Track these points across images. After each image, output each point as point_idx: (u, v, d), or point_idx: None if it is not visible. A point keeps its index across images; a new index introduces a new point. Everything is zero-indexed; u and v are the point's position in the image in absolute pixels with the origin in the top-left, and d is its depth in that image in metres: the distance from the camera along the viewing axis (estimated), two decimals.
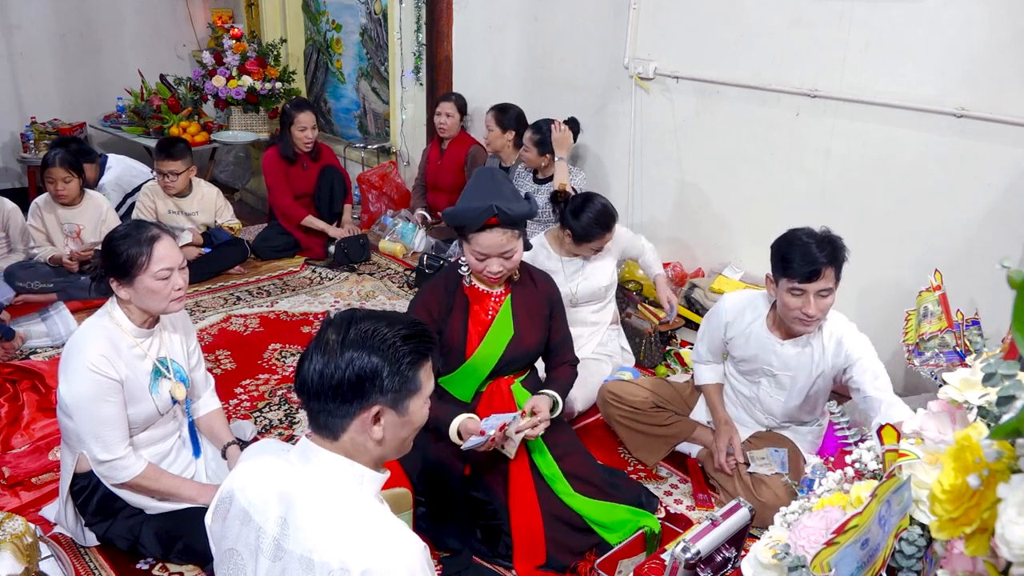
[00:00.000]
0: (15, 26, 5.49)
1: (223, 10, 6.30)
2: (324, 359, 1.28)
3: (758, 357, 2.49)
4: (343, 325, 1.31)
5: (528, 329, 2.30)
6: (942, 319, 2.55)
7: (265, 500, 1.29)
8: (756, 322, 2.48)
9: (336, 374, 1.26)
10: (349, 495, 1.28)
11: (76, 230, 3.89)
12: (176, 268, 2.07)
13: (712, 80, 3.53)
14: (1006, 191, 2.71)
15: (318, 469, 1.29)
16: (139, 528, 2.16)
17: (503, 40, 4.55)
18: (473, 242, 2.15)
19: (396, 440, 1.34)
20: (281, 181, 4.51)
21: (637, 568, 2.04)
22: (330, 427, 1.29)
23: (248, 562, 1.30)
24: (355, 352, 1.27)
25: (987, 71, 2.68)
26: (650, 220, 4.01)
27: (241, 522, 1.31)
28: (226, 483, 1.37)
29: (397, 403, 1.30)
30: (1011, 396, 0.87)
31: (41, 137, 5.34)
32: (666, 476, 2.74)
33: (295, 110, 4.42)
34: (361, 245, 4.60)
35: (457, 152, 4.64)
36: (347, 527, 1.23)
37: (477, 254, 2.17)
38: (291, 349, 3.54)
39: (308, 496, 1.27)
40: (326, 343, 1.29)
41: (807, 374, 2.42)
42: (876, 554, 0.99)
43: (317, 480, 1.28)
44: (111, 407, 2.02)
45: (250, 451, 1.44)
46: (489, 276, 2.20)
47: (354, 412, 1.27)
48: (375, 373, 1.27)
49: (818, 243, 2.24)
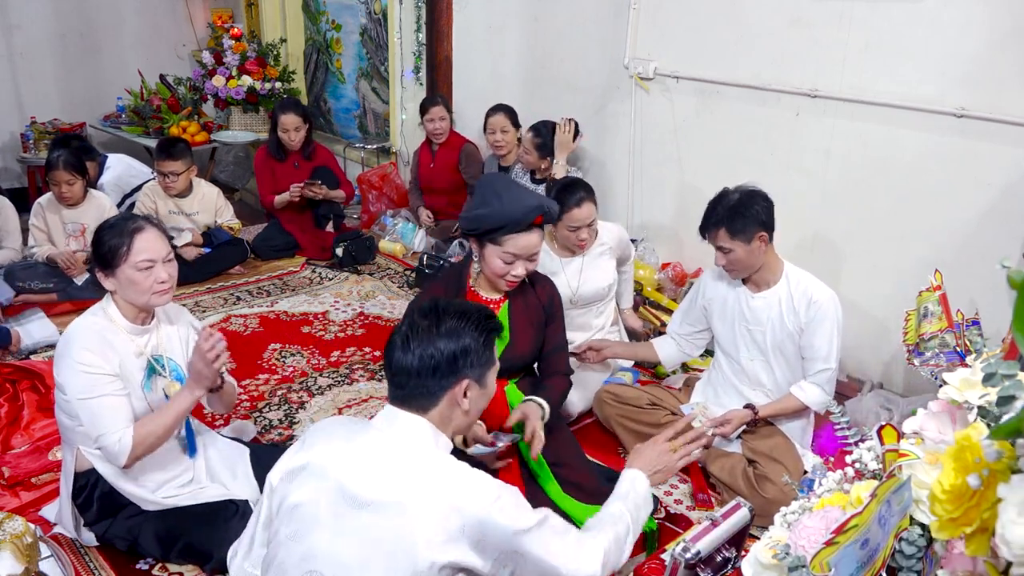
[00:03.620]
0: (15, 26, 5.49)
1: (223, 10, 6.29)
2: (423, 342, 1.46)
3: (732, 309, 2.63)
4: (432, 313, 1.51)
5: (523, 337, 2.28)
6: (942, 319, 2.55)
7: (346, 456, 1.42)
8: (726, 276, 2.64)
9: (435, 354, 1.45)
10: (431, 452, 1.44)
11: (80, 229, 3.90)
12: (160, 260, 2.07)
13: (712, 80, 3.53)
14: (1006, 191, 2.71)
15: (402, 430, 1.45)
16: (138, 529, 2.15)
17: (503, 40, 4.55)
18: (507, 243, 2.08)
19: (476, 410, 1.55)
20: (266, 176, 4.52)
21: (637, 568, 2.04)
22: (422, 402, 1.46)
23: (323, 514, 1.38)
24: (450, 335, 1.47)
25: (987, 71, 2.68)
26: (650, 220, 4.01)
27: (318, 478, 1.41)
28: (296, 456, 1.47)
29: (482, 377, 1.51)
30: (1011, 396, 0.87)
31: (41, 137, 5.34)
32: None
33: (280, 112, 4.42)
34: (367, 247, 4.60)
35: (449, 153, 4.64)
36: (436, 474, 1.38)
37: (507, 256, 2.10)
38: (291, 349, 3.54)
39: (393, 452, 1.42)
40: (420, 328, 1.48)
41: (780, 324, 2.53)
42: (876, 554, 0.99)
43: (401, 440, 1.44)
44: (107, 398, 1.99)
45: (319, 427, 1.54)
46: (510, 280, 2.15)
47: (448, 386, 1.46)
48: (467, 351, 1.47)
49: (714, 202, 2.51)
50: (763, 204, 2.46)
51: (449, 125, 4.62)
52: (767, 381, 2.62)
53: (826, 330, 2.46)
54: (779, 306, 2.52)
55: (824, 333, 2.46)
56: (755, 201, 2.45)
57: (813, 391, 2.52)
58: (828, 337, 2.46)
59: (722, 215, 2.45)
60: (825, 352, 2.47)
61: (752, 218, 2.42)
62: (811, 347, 2.49)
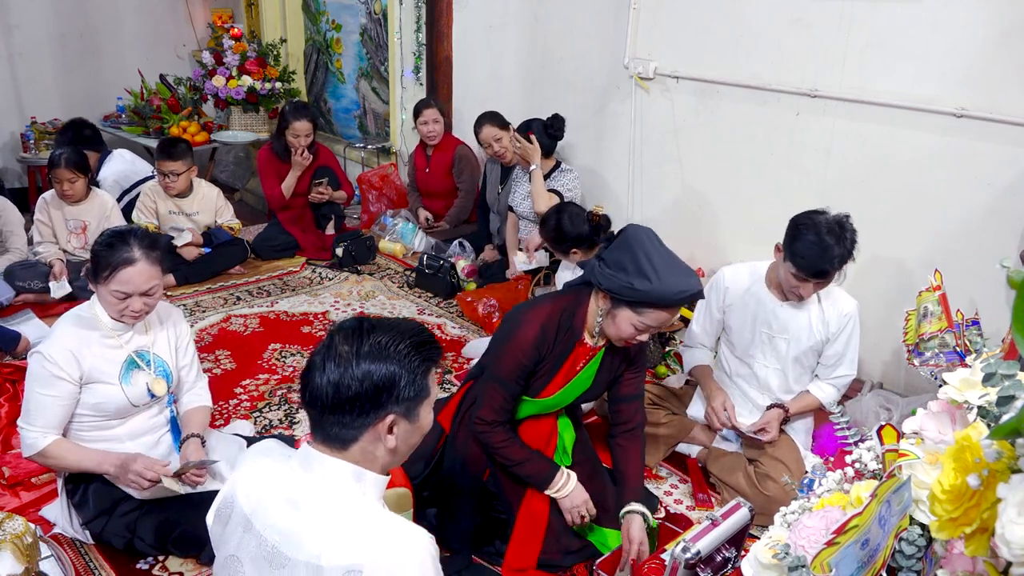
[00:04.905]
0: (15, 26, 5.48)
1: (223, 10, 6.29)
2: (339, 371, 1.24)
3: (757, 319, 2.53)
4: (354, 335, 1.28)
5: (602, 382, 2.23)
6: (942, 319, 2.55)
7: (266, 506, 1.29)
8: (756, 284, 2.54)
9: (352, 385, 1.24)
10: (353, 499, 1.27)
11: (81, 226, 3.90)
12: (136, 294, 2.07)
13: (712, 80, 3.53)
14: (1006, 191, 2.71)
15: (321, 476, 1.28)
16: (135, 524, 2.18)
17: (503, 40, 4.55)
18: (648, 316, 1.96)
19: (406, 447, 1.34)
20: (271, 174, 4.52)
21: (637, 568, 2.04)
22: (341, 438, 1.27)
23: (249, 570, 1.29)
24: (371, 362, 1.25)
25: (987, 71, 2.68)
26: (650, 220, 4.00)
27: (243, 528, 1.31)
28: (228, 484, 1.37)
29: (410, 411, 1.30)
30: (1011, 396, 0.87)
31: (41, 137, 5.34)
32: (666, 476, 2.74)
33: (292, 117, 4.39)
34: (367, 247, 4.61)
35: (444, 157, 4.64)
36: (354, 529, 1.23)
37: (642, 325, 1.98)
38: (291, 349, 3.54)
39: (311, 502, 1.26)
40: (339, 354, 1.26)
41: (807, 335, 2.49)
42: (876, 554, 0.99)
43: (320, 486, 1.27)
44: (47, 399, 2.07)
45: (254, 451, 1.45)
46: (630, 342, 2.05)
47: (369, 423, 1.26)
48: (392, 383, 1.26)
49: (835, 241, 2.25)
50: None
51: (443, 128, 4.61)
52: (777, 387, 2.61)
53: (853, 340, 2.50)
54: (809, 316, 2.49)
55: (852, 343, 2.50)
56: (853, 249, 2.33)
57: (830, 391, 2.56)
58: (854, 346, 2.51)
59: (841, 257, 2.28)
60: (849, 359, 2.52)
61: (853, 258, 2.34)
62: (836, 355, 2.52)
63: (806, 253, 2.27)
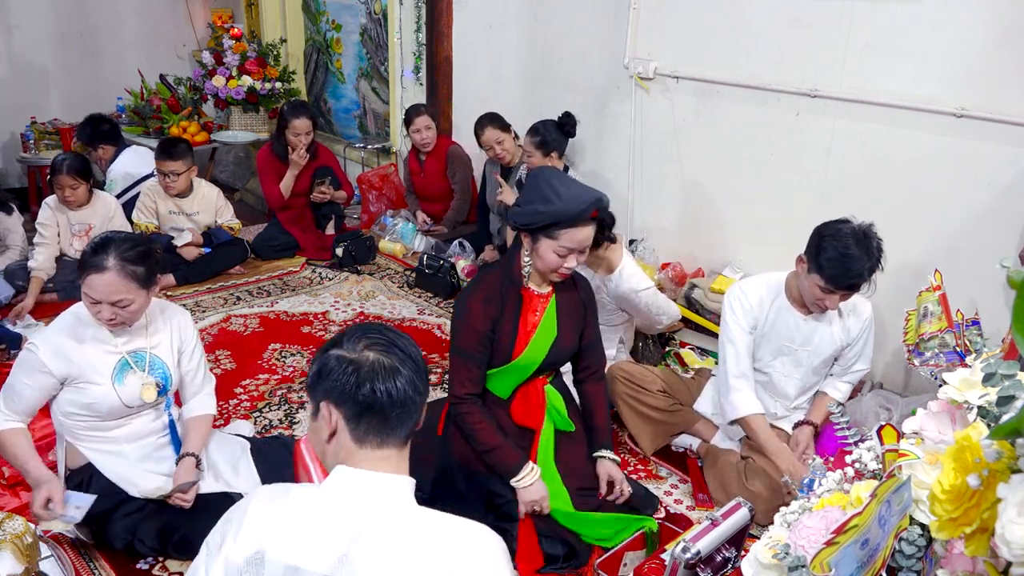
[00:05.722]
0: (15, 26, 5.49)
1: (223, 10, 6.29)
2: (411, 369, 1.25)
3: (780, 335, 2.52)
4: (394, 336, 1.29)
5: (568, 330, 2.31)
6: (942, 319, 2.55)
7: (311, 544, 1.15)
8: (778, 299, 2.52)
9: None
10: (402, 509, 1.21)
11: (85, 229, 3.90)
12: (105, 302, 2.04)
13: (712, 80, 3.53)
14: (1006, 191, 2.71)
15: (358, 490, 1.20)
16: (136, 526, 2.17)
17: (503, 40, 4.55)
18: (563, 237, 2.09)
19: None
20: (271, 174, 4.51)
21: (637, 568, 2.05)
22: (404, 437, 1.26)
23: None
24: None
25: (987, 71, 2.68)
26: (650, 220, 4.01)
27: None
28: (247, 542, 1.16)
29: None
30: (1011, 396, 0.87)
31: (41, 137, 5.35)
32: (666, 476, 2.74)
33: (291, 115, 4.39)
34: (367, 247, 4.61)
35: (436, 159, 4.65)
36: (420, 541, 1.16)
37: (562, 250, 2.11)
38: (291, 349, 3.54)
39: (363, 521, 1.16)
40: (401, 350, 1.26)
41: (829, 346, 2.51)
42: (876, 554, 0.99)
43: (362, 501, 1.19)
44: (22, 386, 2.10)
45: (262, 497, 1.23)
46: (563, 273, 2.18)
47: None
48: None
49: (863, 251, 2.22)
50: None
51: (435, 134, 4.61)
52: (792, 393, 2.61)
53: (871, 339, 2.56)
54: (831, 328, 2.50)
55: (870, 341, 2.56)
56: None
57: (844, 388, 2.62)
58: (871, 343, 2.58)
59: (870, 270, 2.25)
60: (866, 355, 2.59)
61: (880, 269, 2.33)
62: (856, 355, 2.57)
63: (834, 264, 2.23)
